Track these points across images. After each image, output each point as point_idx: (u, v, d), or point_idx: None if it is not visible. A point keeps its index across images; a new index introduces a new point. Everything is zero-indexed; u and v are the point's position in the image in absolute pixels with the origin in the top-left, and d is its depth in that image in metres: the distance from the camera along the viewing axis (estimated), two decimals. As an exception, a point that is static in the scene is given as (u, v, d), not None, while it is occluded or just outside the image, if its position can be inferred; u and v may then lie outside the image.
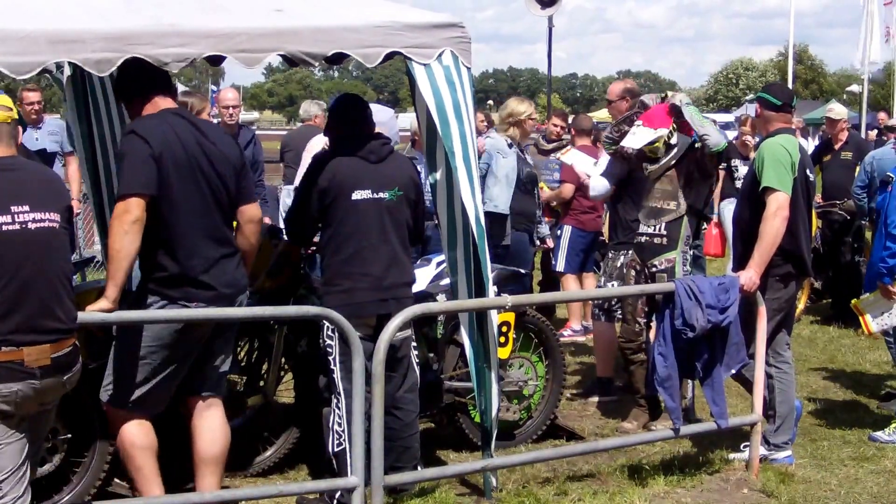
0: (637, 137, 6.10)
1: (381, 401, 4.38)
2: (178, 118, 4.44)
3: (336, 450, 4.73)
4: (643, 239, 6.21)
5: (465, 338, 5.07)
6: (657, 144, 6.06)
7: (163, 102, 4.44)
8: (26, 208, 3.71)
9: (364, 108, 5.01)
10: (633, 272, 6.27)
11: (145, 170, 4.21)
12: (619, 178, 6.62)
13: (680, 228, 6.14)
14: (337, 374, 4.73)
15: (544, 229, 8.43)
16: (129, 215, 4.14)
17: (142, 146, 4.23)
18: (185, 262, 4.33)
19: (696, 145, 6.10)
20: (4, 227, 3.65)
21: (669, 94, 6.47)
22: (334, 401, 4.78)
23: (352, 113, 4.97)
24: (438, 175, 4.99)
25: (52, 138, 8.59)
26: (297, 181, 7.26)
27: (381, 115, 5.80)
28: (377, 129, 5.07)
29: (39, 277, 3.71)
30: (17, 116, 3.85)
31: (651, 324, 6.21)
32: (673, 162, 6.09)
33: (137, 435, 4.42)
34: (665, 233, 6.14)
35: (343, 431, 4.67)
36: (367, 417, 4.43)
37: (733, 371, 5.49)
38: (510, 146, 7.84)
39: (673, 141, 6.08)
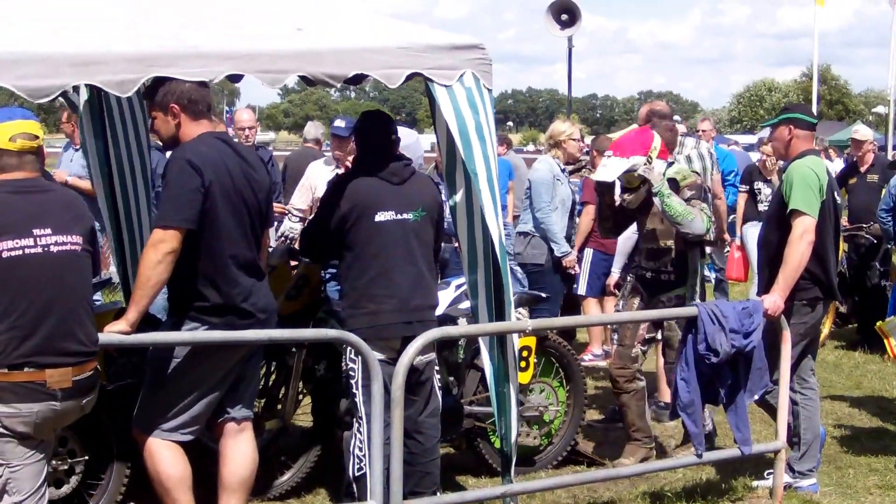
0: (609, 169, 5.76)
1: (399, 425, 4.33)
2: (224, 144, 4.41)
3: (356, 474, 4.69)
4: (648, 274, 5.99)
5: (485, 362, 5.03)
6: (633, 174, 5.72)
7: (208, 124, 4.42)
8: (48, 231, 3.73)
9: (388, 129, 4.97)
10: (636, 301, 6.05)
11: (190, 203, 4.17)
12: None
13: (686, 262, 5.91)
14: (359, 398, 4.69)
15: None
16: (166, 245, 4.10)
17: (192, 178, 4.18)
18: (228, 291, 4.31)
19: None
20: (27, 251, 3.68)
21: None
22: (356, 425, 4.74)
23: (376, 134, 4.93)
24: (458, 197, 4.96)
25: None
26: (291, 203, 7.25)
27: (406, 139, 5.78)
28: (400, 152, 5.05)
29: (61, 300, 3.73)
30: (42, 143, 3.87)
31: (645, 350, 6.06)
32: (648, 191, 5.74)
33: (172, 465, 4.35)
34: (672, 269, 5.92)
35: (364, 456, 4.62)
36: (386, 441, 4.39)
37: (756, 397, 5.42)
38: (563, 170, 7.79)
39: (652, 167, 5.71)
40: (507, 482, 5.02)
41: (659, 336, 6.09)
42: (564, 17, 15.03)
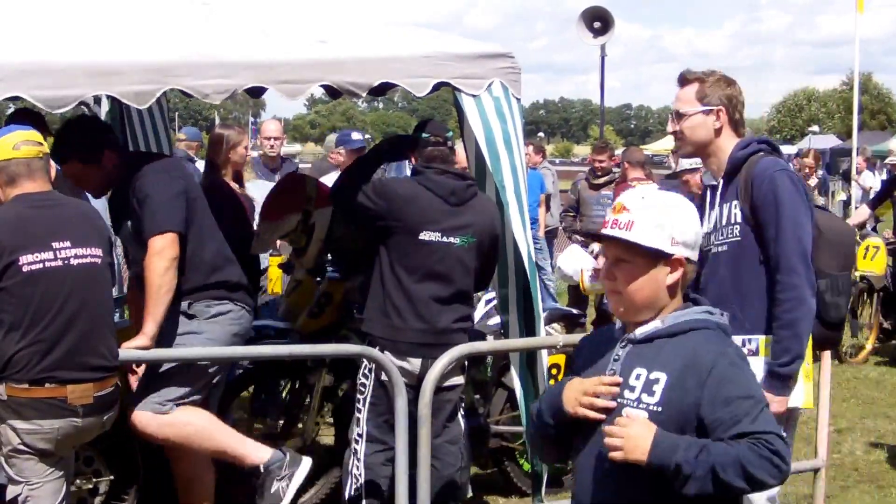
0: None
1: (427, 443, 4.20)
2: (164, 155, 4.61)
3: (353, 494, 4.53)
4: None
5: (515, 379, 4.90)
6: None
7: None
8: (68, 244, 3.69)
9: (449, 142, 4.73)
10: None
11: (178, 207, 4.20)
12: None
13: None
14: (363, 415, 4.52)
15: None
16: (170, 251, 4.10)
17: (173, 183, 4.24)
18: (233, 269, 4.42)
19: None
20: (47, 264, 3.64)
21: None
22: (354, 444, 4.55)
23: (440, 145, 4.63)
24: (488, 209, 4.85)
25: None
26: None
27: None
28: None
29: (83, 314, 3.69)
30: (48, 151, 3.82)
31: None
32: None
33: (200, 415, 4.29)
34: None
35: (360, 476, 4.49)
36: (387, 463, 4.33)
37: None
38: None
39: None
40: (537, 502, 4.90)
41: None
42: (597, 24, 14.86)
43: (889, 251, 9.24)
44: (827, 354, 5.19)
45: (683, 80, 3.81)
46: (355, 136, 7.48)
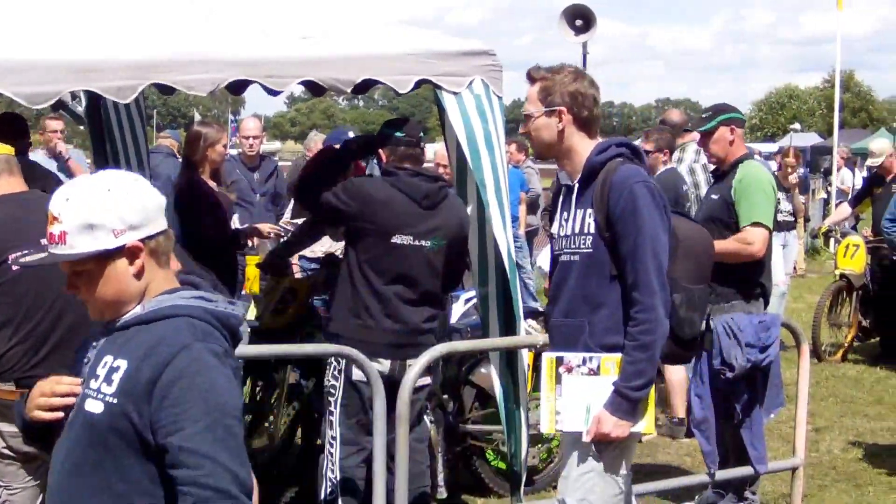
0: None
1: (405, 445, 4.18)
2: None
3: (328, 497, 4.49)
4: None
5: (494, 378, 4.88)
6: None
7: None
8: None
9: (422, 141, 4.74)
10: None
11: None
12: None
13: None
14: (336, 418, 4.49)
15: None
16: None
17: None
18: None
19: None
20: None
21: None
22: (328, 447, 4.52)
23: (412, 144, 4.62)
24: (469, 209, 4.84)
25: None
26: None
27: None
28: None
29: (69, 311, 3.63)
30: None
31: None
32: None
33: None
34: None
35: (336, 478, 4.46)
36: (362, 464, 4.30)
37: (773, 415, 5.25)
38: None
39: None
40: (516, 501, 4.89)
41: None
42: (579, 22, 14.80)
43: (868, 250, 9.28)
44: (805, 352, 5.22)
45: (530, 78, 3.65)
46: (351, 134, 7.43)
